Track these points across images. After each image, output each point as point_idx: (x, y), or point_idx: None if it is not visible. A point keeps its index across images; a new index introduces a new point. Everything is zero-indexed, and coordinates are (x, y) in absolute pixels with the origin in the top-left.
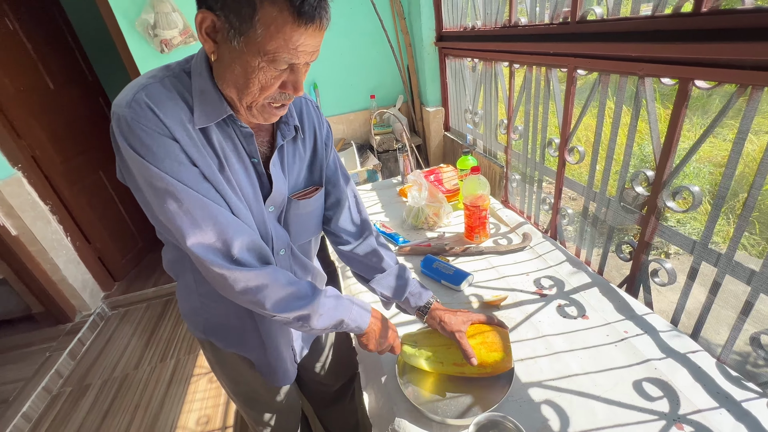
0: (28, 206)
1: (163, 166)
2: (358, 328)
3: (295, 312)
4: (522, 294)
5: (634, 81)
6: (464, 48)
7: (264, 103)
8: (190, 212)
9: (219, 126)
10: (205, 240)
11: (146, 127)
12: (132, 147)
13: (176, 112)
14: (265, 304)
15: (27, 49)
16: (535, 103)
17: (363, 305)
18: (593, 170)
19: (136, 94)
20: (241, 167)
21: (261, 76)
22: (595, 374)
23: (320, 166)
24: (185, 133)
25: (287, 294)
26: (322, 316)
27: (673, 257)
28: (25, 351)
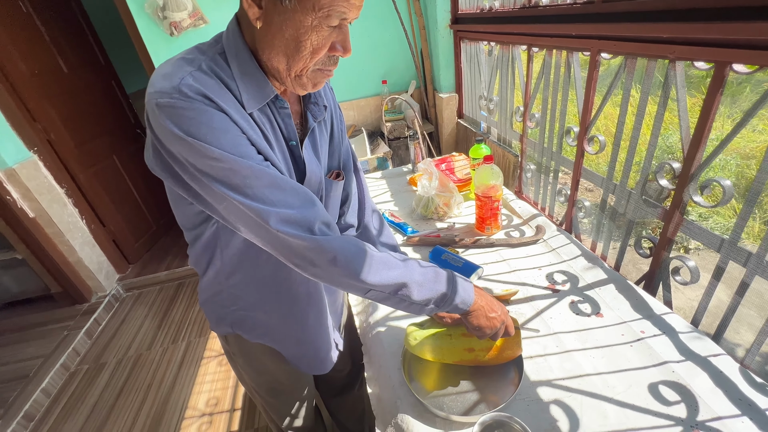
0: (45, 189)
1: (224, 142)
2: (463, 303)
3: (394, 281)
4: (533, 289)
5: (662, 66)
6: (480, 31)
7: (314, 69)
8: (259, 188)
9: (261, 108)
10: (282, 214)
11: (203, 107)
12: (186, 131)
13: (223, 95)
14: (361, 274)
15: (41, 33)
16: (554, 89)
17: (463, 277)
18: (614, 161)
19: (182, 80)
20: (279, 150)
21: (314, 36)
22: (608, 375)
23: (338, 150)
24: (239, 115)
25: (378, 262)
26: (423, 287)
27: (693, 253)
28: (44, 329)
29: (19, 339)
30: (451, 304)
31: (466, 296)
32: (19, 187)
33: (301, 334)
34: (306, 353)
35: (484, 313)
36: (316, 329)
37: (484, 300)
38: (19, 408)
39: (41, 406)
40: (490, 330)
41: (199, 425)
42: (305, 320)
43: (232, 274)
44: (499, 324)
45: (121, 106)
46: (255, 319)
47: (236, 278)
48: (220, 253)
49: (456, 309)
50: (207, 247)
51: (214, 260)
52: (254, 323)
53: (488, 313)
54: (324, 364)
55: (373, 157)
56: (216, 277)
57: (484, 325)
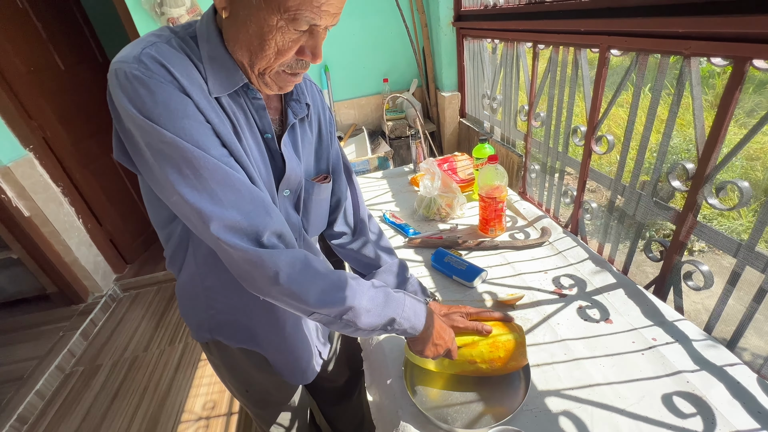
0: (40, 188)
1: (180, 127)
2: (412, 329)
3: (339, 306)
4: (539, 293)
5: (672, 62)
6: (484, 28)
7: (279, 70)
8: (210, 185)
9: (230, 95)
10: (227, 219)
11: (161, 81)
12: (140, 109)
13: (188, 71)
14: (302, 296)
15: (37, 29)
16: (561, 87)
17: (417, 300)
18: (623, 161)
19: (144, 49)
20: (254, 142)
21: (278, 37)
22: (619, 385)
23: (326, 154)
24: (202, 94)
25: (327, 283)
26: (370, 313)
27: (697, 255)
28: (40, 330)
29: (14, 340)
30: (399, 329)
31: (417, 322)
32: (14, 185)
33: (280, 340)
34: (287, 361)
35: (431, 341)
36: (295, 336)
37: (435, 329)
38: (13, 410)
39: (35, 409)
40: (431, 356)
41: (196, 429)
42: (283, 326)
43: (207, 276)
44: (442, 352)
45: None
46: (236, 324)
47: (211, 280)
48: (192, 253)
49: (404, 333)
50: (179, 248)
51: (187, 261)
52: (235, 328)
53: (435, 341)
54: (306, 374)
55: (374, 156)
56: (191, 280)
57: (426, 351)
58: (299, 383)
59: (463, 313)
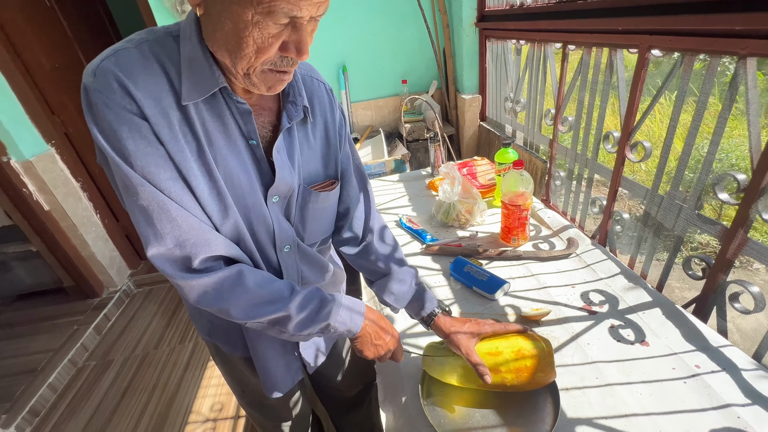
0: (61, 182)
1: (123, 149)
2: (348, 332)
3: (265, 317)
4: (567, 309)
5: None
6: (510, 29)
7: (264, 69)
8: (147, 212)
9: (207, 101)
10: (161, 246)
11: (109, 100)
12: (95, 125)
13: (150, 83)
14: (229, 311)
15: (63, 27)
16: (592, 90)
17: (353, 305)
18: (661, 170)
19: (103, 60)
20: (231, 150)
21: (256, 33)
22: (660, 416)
23: (334, 158)
24: (158, 110)
25: (256, 297)
26: (301, 321)
27: (740, 272)
28: (55, 323)
29: (31, 331)
30: (335, 333)
31: (351, 325)
32: (35, 179)
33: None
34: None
35: (370, 340)
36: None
37: (374, 329)
38: (25, 403)
39: (47, 402)
40: (372, 357)
41: (203, 431)
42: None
43: None
44: (383, 352)
45: None
46: (229, 330)
47: None
48: None
49: (343, 335)
50: None
51: None
52: (228, 334)
53: (374, 341)
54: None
55: (391, 158)
56: None
57: (366, 352)
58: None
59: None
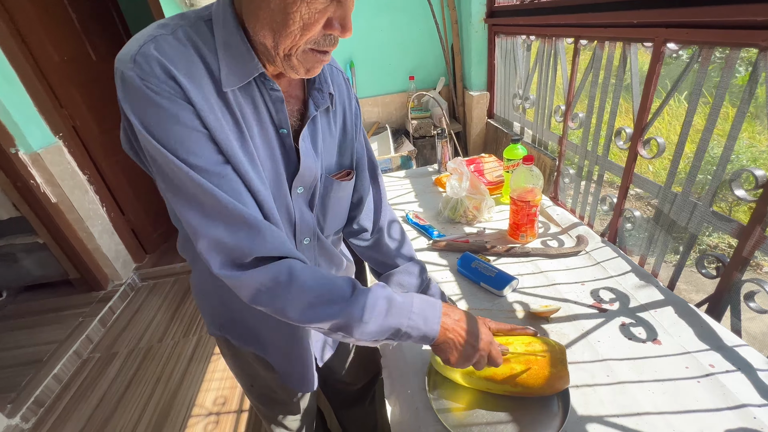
0: (68, 175)
1: (170, 136)
2: (424, 338)
3: (328, 321)
4: (576, 306)
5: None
6: (520, 24)
7: (306, 49)
8: (197, 199)
9: (242, 87)
10: (212, 236)
11: (154, 86)
12: (135, 113)
13: (191, 70)
14: (286, 312)
15: (72, 20)
16: (604, 86)
17: (428, 305)
18: (674, 166)
19: (142, 46)
20: (263, 139)
21: (304, 8)
22: (673, 416)
23: (350, 147)
24: (201, 96)
25: (313, 297)
26: (368, 324)
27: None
28: (61, 314)
29: (37, 323)
30: (408, 339)
31: (426, 329)
32: (43, 171)
33: (281, 345)
34: (287, 367)
35: (454, 346)
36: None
37: (457, 331)
38: (31, 392)
39: (52, 392)
40: (462, 365)
41: (206, 424)
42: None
43: None
44: (474, 359)
45: None
46: (244, 324)
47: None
48: None
49: (416, 341)
50: (189, 240)
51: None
52: (243, 328)
53: (459, 346)
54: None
55: (397, 155)
56: (202, 275)
57: (452, 360)
58: (301, 391)
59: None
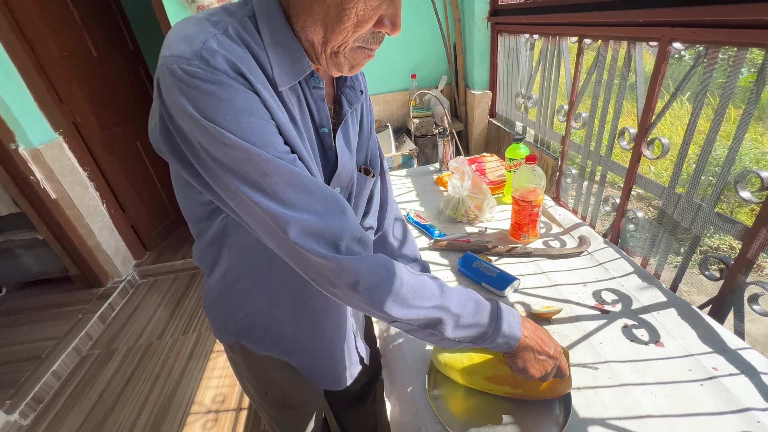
0: (68, 171)
1: (246, 128)
2: (506, 344)
3: (423, 316)
4: (578, 307)
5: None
6: (523, 23)
7: (354, 47)
8: (281, 188)
9: (291, 87)
10: (304, 223)
11: (225, 79)
12: (201, 110)
13: (252, 66)
14: (383, 304)
15: (72, 15)
16: (608, 85)
17: (510, 311)
18: (678, 168)
19: (205, 43)
20: (307, 137)
21: (360, 6)
22: (676, 419)
23: (366, 145)
24: (266, 92)
25: (409, 290)
26: (460, 323)
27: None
28: (60, 311)
29: (36, 319)
30: (492, 343)
31: (511, 334)
32: (43, 167)
33: (316, 347)
34: (320, 367)
35: (533, 355)
36: (333, 342)
37: (534, 339)
38: (30, 389)
39: (51, 389)
40: (539, 374)
41: (204, 422)
42: (322, 333)
43: (241, 278)
44: (550, 368)
45: (147, 93)
46: (264, 329)
47: (245, 282)
48: (227, 252)
49: (497, 347)
50: (212, 245)
51: (221, 260)
52: (263, 333)
53: (538, 355)
54: (339, 380)
55: (398, 154)
56: (222, 280)
57: (531, 369)
58: (331, 389)
59: None
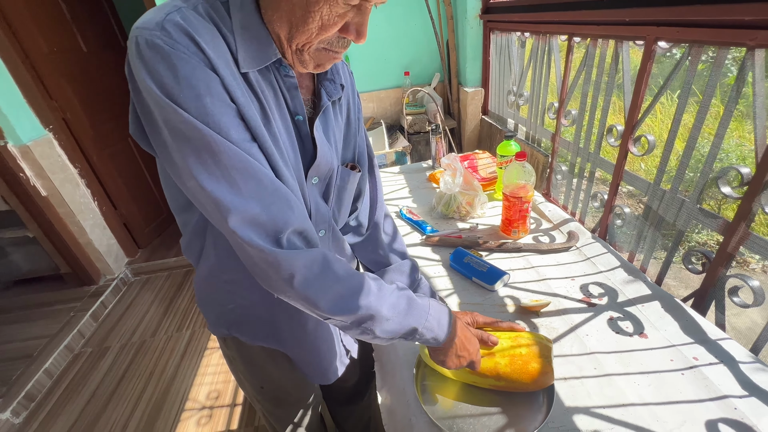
0: (58, 168)
1: (201, 106)
2: (434, 340)
3: (355, 314)
4: (566, 301)
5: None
6: (515, 21)
7: (319, 47)
8: (229, 173)
9: (260, 71)
10: (246, 212)
11: (184, 53)
12: (159, 83)
13: (216, 44)
14: (317, 301)
15: (62, 10)
16: (596, 83)
17: (441, 309)
18: (663, 164)
19: (168, 14)
20: (283, 124)
21: (325, 9)
22: (657, 407)
23: (353, 142)
24: (228, 71)
25: (345, 288)
26: (390, 321)
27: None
28: (52, 309)
29: (26, 317)
30: (421, 339)
31: (440, 332)
32: (32, 164)
33: (302, 337)
34: (307, 358)
35: (454, 352)
36: (317, 334)
37: (460, 338)
38: (22, 387)
39: (43, 387)
40: (453, 367)
41: (199, 418)
42: (305, 324)
43: (226, 269)
44: (464, 363)
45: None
46: (257, 319)
47: (232, 274)
48: (212, 243)
49: (426, 342)
50: (197, 236)
51: (206, 251)
52: (255, 324)
53: (458, 352)
54: (327, 374)
55: (392, 151)
56: (209, 272)
57: (448, 362)
58: (319, 383)
59: (470, 322)
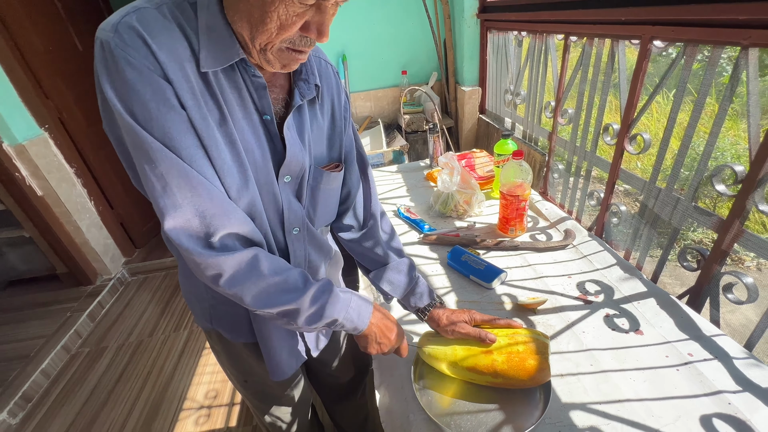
0: (54, 168)
1: (143, 112)
2: (354, 329)
3: (279, 307)
4: (563, 298)
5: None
6: (512, 20)
7: (281, 47)
8: (166, 179)
9: (225, 71)
10: (179, 217)
11: (132, 58)
12: (111, 84)
13: (173, 46)
14: (243, 297)
15: (56, 8)
16: (593, 82)
17: (363, 303)
18: (659, 162)
19: (125, 16)
20: (248, 124)
21: (281, 10)
22: (652, 402)
23: (339, 140)
24: (181, 74)
25: (271, 285)
26: (312, 314)
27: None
28: (48, 309)
29: (23, 318)
30: (342, 328)
31: (360, 323)
32: (28, 164)
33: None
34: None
35: (375, 338)
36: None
37: (379, 327)
38: (18, 388)
39: (40, 387)
40: (375, 353)
41: (197, 418)
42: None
43: None
44: (386, 350)
45: None
46: (235, 316)
47: None
48: None
49: (347, 331)
50: None
51: None
52: (234, 320)
53: (378, 339)
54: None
55: (389, 149)
56: (185, 266)
57: (369, 348)
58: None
59: (468, 320)
